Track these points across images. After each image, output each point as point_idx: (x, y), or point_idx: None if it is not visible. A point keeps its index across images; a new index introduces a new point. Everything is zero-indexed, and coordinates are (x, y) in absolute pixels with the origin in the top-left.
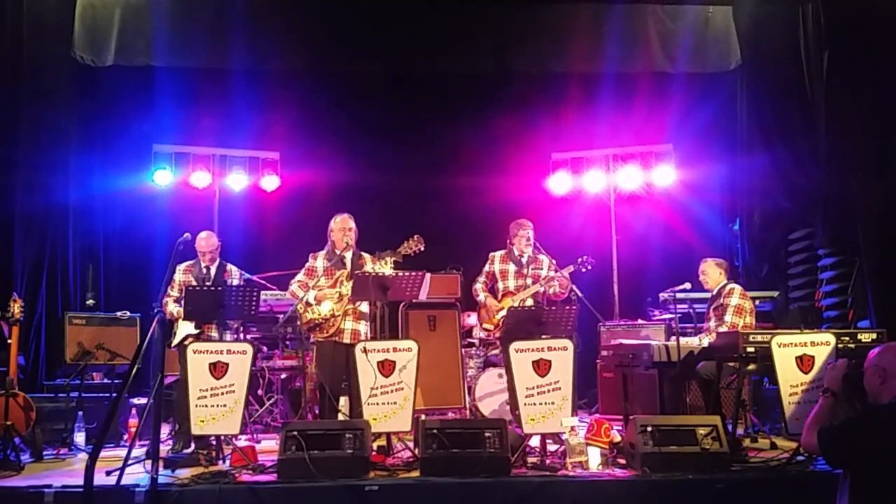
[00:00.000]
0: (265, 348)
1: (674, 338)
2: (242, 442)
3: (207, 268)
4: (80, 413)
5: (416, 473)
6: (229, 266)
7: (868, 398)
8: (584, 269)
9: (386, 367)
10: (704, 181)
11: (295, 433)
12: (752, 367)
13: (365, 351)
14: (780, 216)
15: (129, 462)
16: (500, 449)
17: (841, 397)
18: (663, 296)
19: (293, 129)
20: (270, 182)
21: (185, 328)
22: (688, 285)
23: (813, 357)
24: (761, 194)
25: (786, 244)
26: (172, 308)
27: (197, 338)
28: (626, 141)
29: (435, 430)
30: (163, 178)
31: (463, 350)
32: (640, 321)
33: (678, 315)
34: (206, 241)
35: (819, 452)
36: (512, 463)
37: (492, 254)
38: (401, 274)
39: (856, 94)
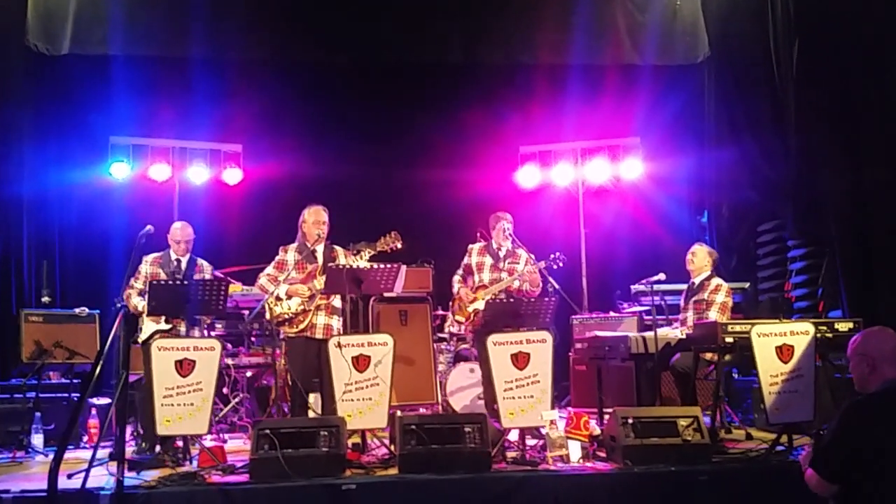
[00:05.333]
0: (230, 345)
1: (650, 329)
2: (208, 442)
3: (178, 261)
4: (38, 414)
5: (393, 471)
6: (200, 261)
7: (855, 387)
8: (555, 266)
9: (361, 363)
10: (672, 174)
11: (267, 431)
12: (727, 357)
13: (339, 346)
14: (749, 208)
15: (94, 464)
16: (480, 444)
17: None
18: (638, 287)
19: (256, 121)
20: (233, 175)
21: (153, 324)
22: (662, 276)
23: (792, 347)
24: (729, 187)
25: (754, 236)
26: (136, 301)
27: (167, 334)
28: (594, 134)
29: (413, 426)
30: (120, 170)
31: (434, 345)
32: (612, 314)
33: (651, 307)
34: (182, 230)
35: (827, 481)
36: (492, 458)
37: (470, 246)
38: (375, 266)
39: (825, 86)
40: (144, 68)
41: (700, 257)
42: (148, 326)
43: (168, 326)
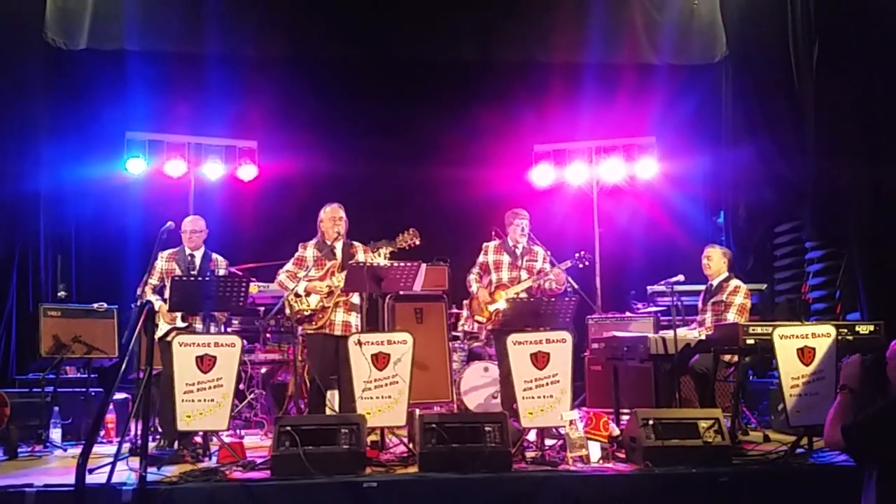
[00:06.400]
0: (245, 341)
1: (665, 330)
2: (227, 438)
3: (192, 255)
4: (56, 409)
5: (413, 469)
6: (214, 255)
7: (891, 388)
8: (581, 265)
9: (380, 360)
10: (688, 174)
11: (288, 428)
12: (746, 359)
13: (359, 343)
14: (766, 209)
15: (118, 458)
16: (501, 444)
17: (859, 393)
18: (656, 288)
19: (271, 117)
20: (248, 171)
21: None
22: (681, 277)
23: (814, 349)
24: (746, 187)
25: (771, 237)
26: (151, 298)
27: (183, 331)
28: (609, 133)
29: (434, 425)
30: (136, 166)
31: (449, 343)
32: (627, 314)
33: (665, 307)
34: (193, 222)
35: (845, 449)
36: (512, 457)
37: (485, 244)
38: (395, 265)
39: (845, 86)
40: (160, 64)
41: (716, 260)
42: (165, 322)
43: (184, 325)
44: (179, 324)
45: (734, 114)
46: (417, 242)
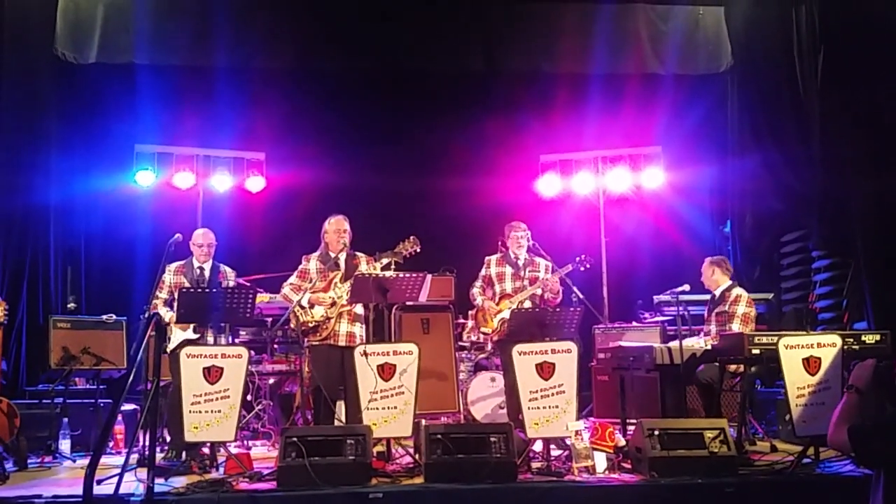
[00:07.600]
0: (253, 352)
1: (673, 340)
2: (234, 449)
3: (201, 268)
4: (65, 420)
5: (419, 479)
6: (223, 267)
7: None
8: (582, 269)
9: (386, 371)
10: (694, 183)
11: (295, 439)
12: (752, 369)
13: (364, 354)
14: (773, 218)
15: (126, 469)
16: (506, 454)
17: (868, 396)
18: (662, 297)
19: (279, 129)
20: (256, 183)
21: (181, 333)
22: (686, 287)
23: (819, 359)
24: (753, 196)
25: (778, 246)
26: (162, 311)
27: (193, 343)
28: (615, 143)
29: (439, 435)
30: (145, 178)
31: (455, 353)
32: (634, 324)
33: (672, 317)
34: (205, 235)
35: (850, 450)
36: (517, 468)
37: (487, 258)
38: (401, 275)
39: (850, 95)
40: (169, 77)
41: (708, 274)
42: (176, 336)
43: (196, 336)
44: (191, 335)
45: (740, 123)
46: (418, 250)
